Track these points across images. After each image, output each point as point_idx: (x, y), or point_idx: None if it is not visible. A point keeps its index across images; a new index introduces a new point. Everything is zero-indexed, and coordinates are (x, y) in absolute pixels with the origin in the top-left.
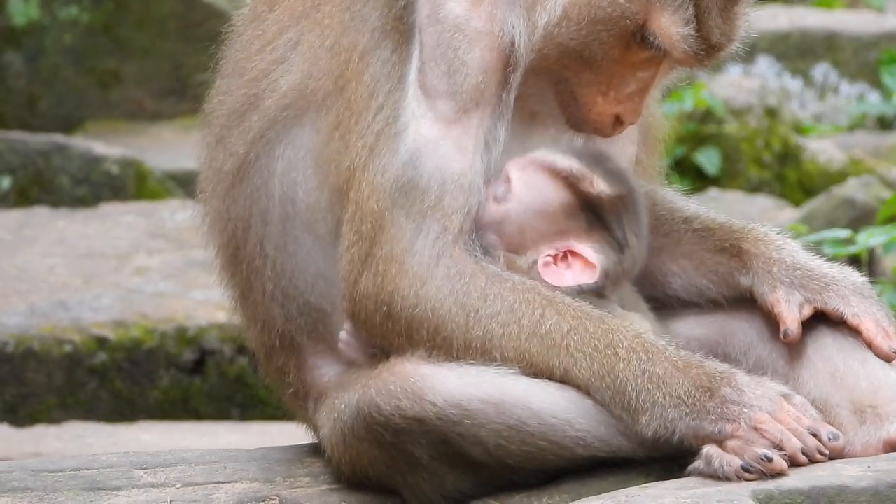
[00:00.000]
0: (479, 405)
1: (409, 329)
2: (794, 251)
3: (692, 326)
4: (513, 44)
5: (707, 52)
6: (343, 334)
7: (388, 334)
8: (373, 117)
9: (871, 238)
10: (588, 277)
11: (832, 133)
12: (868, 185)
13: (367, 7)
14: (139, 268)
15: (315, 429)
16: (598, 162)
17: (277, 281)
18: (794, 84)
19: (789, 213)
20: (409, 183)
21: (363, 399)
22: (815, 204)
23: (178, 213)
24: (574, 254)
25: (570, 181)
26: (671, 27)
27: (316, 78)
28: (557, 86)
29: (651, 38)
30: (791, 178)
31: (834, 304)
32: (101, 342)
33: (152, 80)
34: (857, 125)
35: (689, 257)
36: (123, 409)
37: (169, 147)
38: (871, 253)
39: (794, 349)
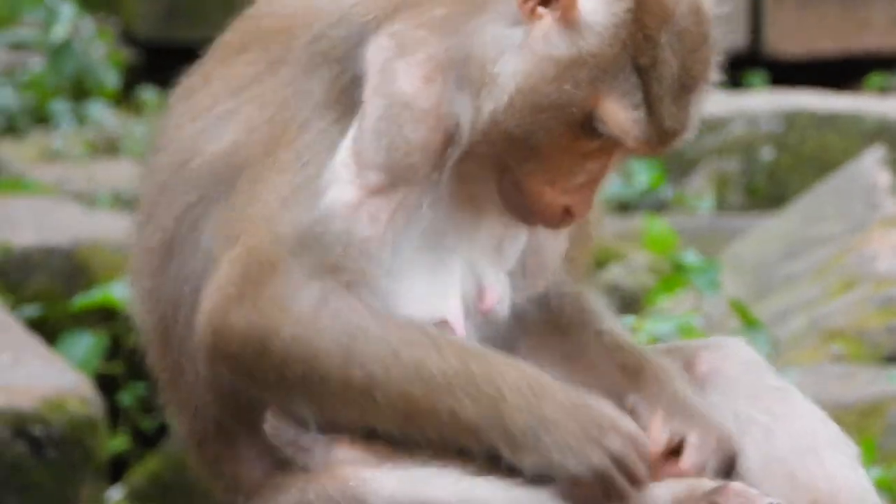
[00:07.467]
0: None
1: (283, 365)
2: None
3: None
4: (457, 126)
5: (660, 138)
6: (270, 419)
7: (258, 372)
8: (293, 175)
9: (656, 326)
10: None
11: None
12: (633, 272)
13: (312, 82)
14: None
15: None
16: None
17: None
18: None
19: None
20: (315, 240)
21: (301, 503)
22: None
23: None
24: None
25: None
26: (620, 113)
27: (247, 146)
28: (502, 174)
29: (600, 126)
30: None
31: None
32: None
33: None
34: None
35: (590, 369)
36: None
37: None
38: (657, 342)
39: (749, 454)
